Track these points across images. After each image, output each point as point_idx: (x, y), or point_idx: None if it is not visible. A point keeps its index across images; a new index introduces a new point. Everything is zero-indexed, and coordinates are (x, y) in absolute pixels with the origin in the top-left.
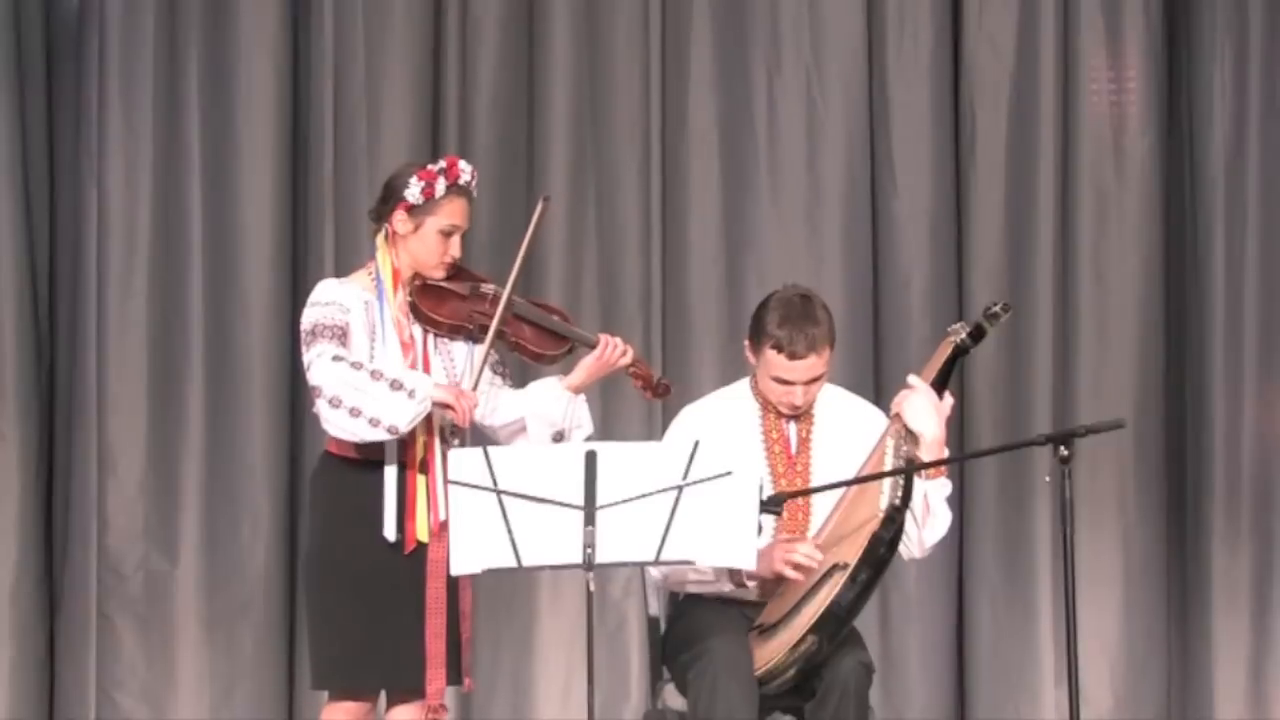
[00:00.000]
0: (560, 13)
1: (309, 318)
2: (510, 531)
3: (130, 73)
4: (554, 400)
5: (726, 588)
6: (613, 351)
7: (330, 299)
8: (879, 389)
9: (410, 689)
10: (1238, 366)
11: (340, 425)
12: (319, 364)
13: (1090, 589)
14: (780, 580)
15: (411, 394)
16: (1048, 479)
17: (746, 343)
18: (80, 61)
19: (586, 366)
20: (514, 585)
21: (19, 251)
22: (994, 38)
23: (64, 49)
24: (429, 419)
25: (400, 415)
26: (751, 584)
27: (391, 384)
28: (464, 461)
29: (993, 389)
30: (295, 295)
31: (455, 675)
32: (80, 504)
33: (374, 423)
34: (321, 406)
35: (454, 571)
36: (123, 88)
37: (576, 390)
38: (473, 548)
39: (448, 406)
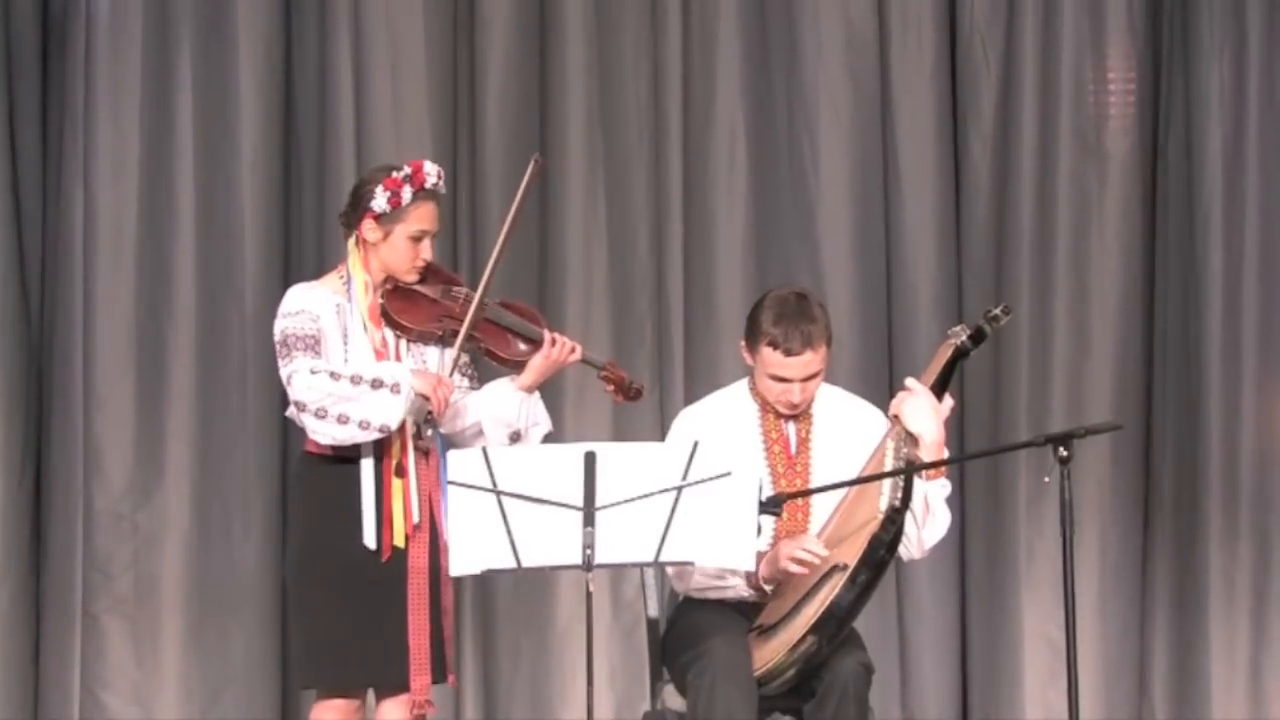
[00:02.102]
0: (573, 10)
1: (279, 329)
2: (510, 532)
3: (119, 67)
4: (507, 402)
5: (745, 592)
6: (560, 350)
7: (299, 308)
8: (894, 390)
9: (398, 684)
10: (1236, 366)
11: (330, 434)
12: (297, 379)
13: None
14: (789, 575)
15: (395, 389)
16: (1047, 479)
17: (742, 343)
18: (64, 60)
19: (535, 367)
20: (531, 586)
21: (8, 250)
22: (984, 37)
23: (57, 45)
24: (401, 425)
25: (390, 413)
26: (768, 587)
27: (373, 384)
28: (464, 462)
29: (976, 392)
30: None
31: (440, 672)
32: (65, 503)
33: (364, 425)
34: (307, 420)
35: (453, 572)
36: (110, 83)
37: (528, 390)
38: (472, 548)
39: (425, 397)
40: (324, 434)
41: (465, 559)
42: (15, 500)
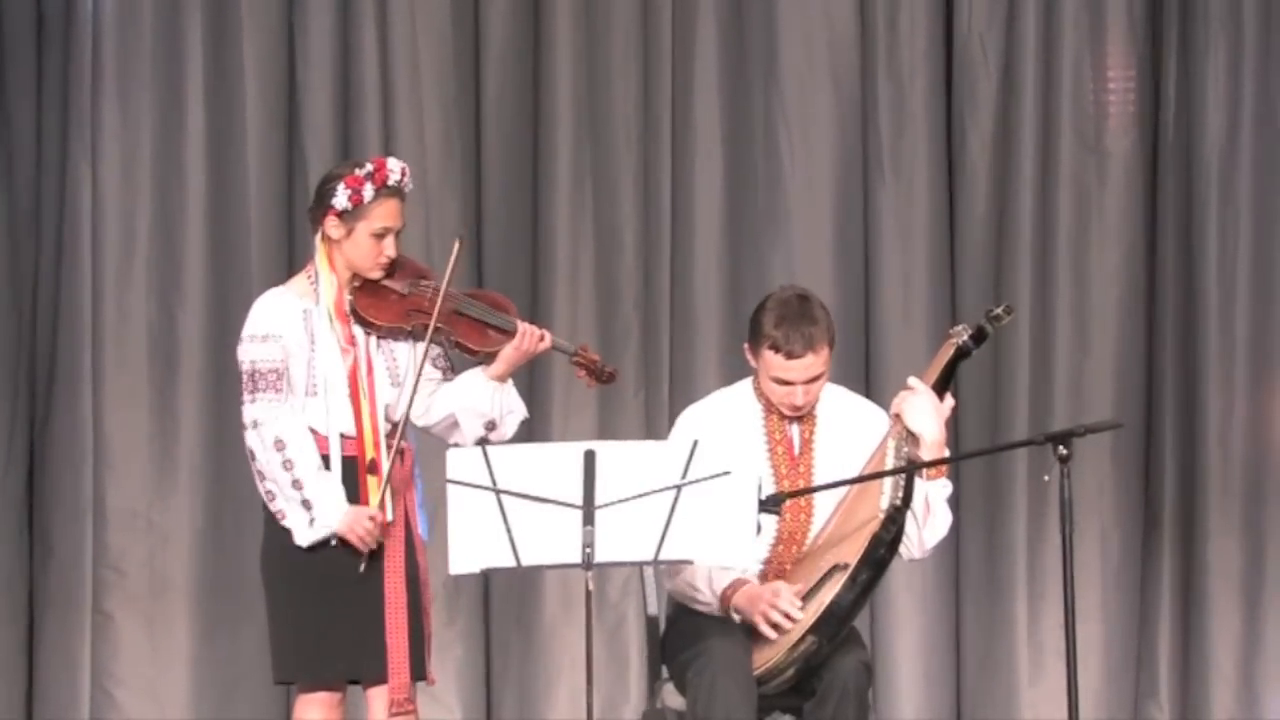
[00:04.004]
0: (563, 17)
1: (246, 356)
2: (509, 531)
3: (127, 59)
4: (480, 392)
5: (717, 611)
6: (529, 339)
7: (266, 331)
8: (870, 389)
9: (379, 675)
10: (1232, 364)
11: (258, 486)
12: (258, 437)
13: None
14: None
15: (312, 523)
16: (1046, 479)
17: (746, 345)
18: (67, 55)
19: (506, 357)
20: (522, 586)
21: None
22: (983, 37)
23: (54, 31)
24: (374, 416)
25: (300, 532)
26: (737, 617)
27: (304, 503)
28: (464, 461)
29: (975, 389)
30: None
31: (419, 670)
32: (74, 500)
33: (279, 515)
34: (251, 463)
35: (452, 571)
36: (118, 73)
37: (500, 379)
38: (472, 547)
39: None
40: (256, 482)
41: (465, 558)
42: (3, 496)
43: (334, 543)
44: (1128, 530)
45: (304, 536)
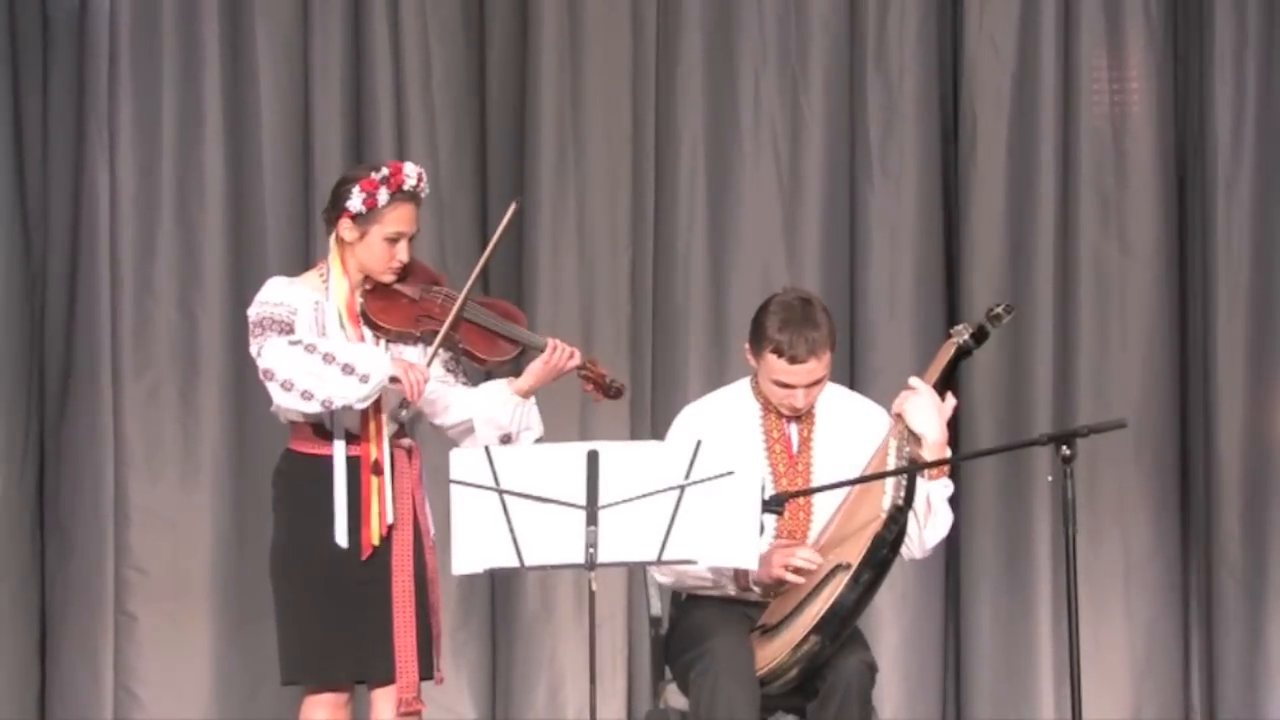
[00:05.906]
0: (549, 14)
1: (254, 313)
2: (513, 531)
3: (145, 60)
4: (501, 405)
5: (731, 590)
6: (561, 356)
7: (278, 299)
8: (854, 387)
9: (386, 676)
10: (1233, 364)
11: (295, 406)
12: (270, 348)
13: (1090, 590)
14: (782, 582)
15: (365, 379)
16: (1050, 479)
17: (747, 346)
18: (81, 56)
19: (535, 371)
20: (506, 585)
21: (8, 246)
22: (994, 38)
23: (59, 32)
24: (379, 416)
25: (355, 396)
26: (756, 588)
27: (344, 368)
28: (467, 461)
29: (994, 390)
30: None
31: (427, 670)
32: (95, 501)
33: (327, 403)
34: (273, 389)
35: (455, 571)
36: (135, 74)
37: (525, 394)
38: (475, 547)
39: (395, 380)
40: (288, 404)
41: (468, 558)
42: (16, 495)
43: (344, 544)
44: (1152, 530)
45: (361, 394)
